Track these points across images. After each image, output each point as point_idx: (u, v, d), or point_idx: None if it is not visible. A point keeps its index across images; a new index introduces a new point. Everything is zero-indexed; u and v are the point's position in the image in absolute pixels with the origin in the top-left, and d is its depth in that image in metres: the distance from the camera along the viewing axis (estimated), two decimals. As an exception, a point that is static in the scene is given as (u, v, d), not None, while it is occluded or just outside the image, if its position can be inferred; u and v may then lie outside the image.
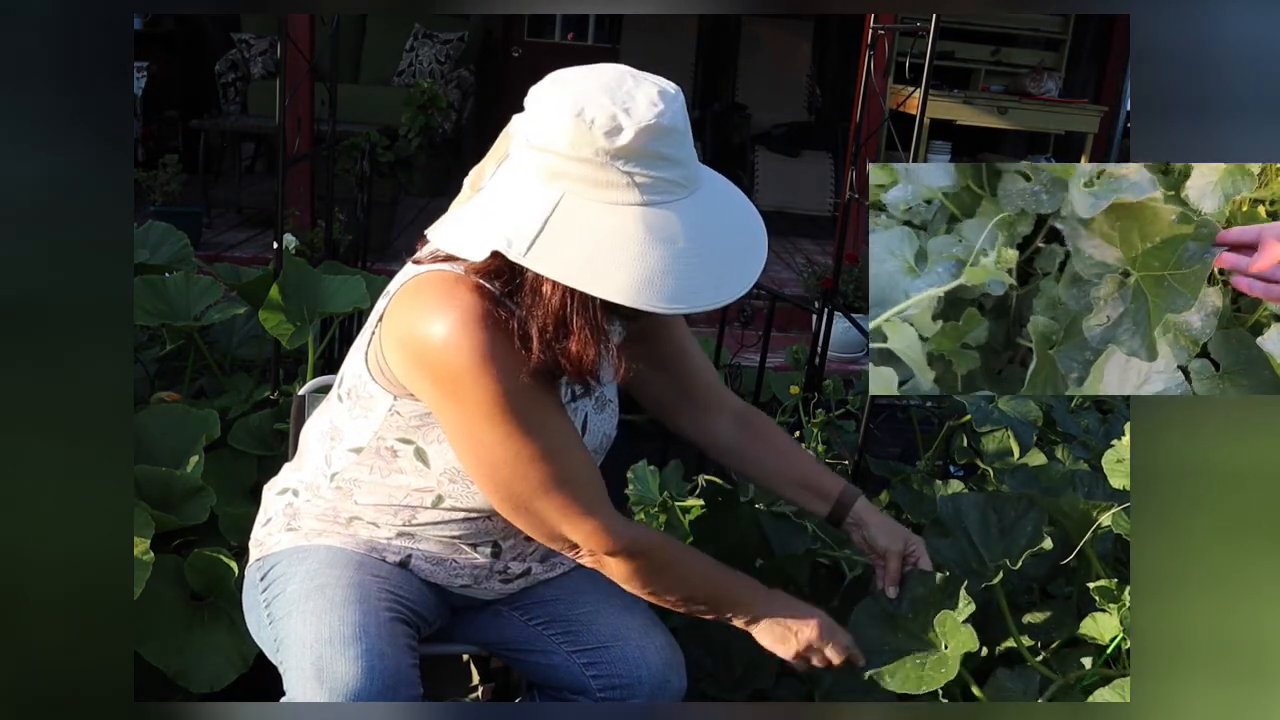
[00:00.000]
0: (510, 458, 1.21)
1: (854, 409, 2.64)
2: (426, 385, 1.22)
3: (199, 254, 2.96)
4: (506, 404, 1.18)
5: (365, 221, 3.53)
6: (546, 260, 1.09)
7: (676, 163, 1.11)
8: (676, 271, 1.09)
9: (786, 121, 6.68)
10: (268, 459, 2.09)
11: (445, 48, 6.59)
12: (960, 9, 4.75)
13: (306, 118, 3.99)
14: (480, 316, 1.17)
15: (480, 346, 1.16)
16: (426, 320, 1.19)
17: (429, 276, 1.24)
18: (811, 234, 5.91)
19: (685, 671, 1.46)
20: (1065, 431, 2.25)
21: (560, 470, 1.24)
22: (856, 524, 1.52)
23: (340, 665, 1.19)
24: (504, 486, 1.24)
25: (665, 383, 1.52)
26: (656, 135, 1.08)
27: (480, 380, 1.17)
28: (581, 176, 1.09)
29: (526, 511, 1.26)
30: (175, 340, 2.54)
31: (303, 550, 1.36)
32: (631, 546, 1.29)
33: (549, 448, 1.23)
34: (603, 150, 1.07)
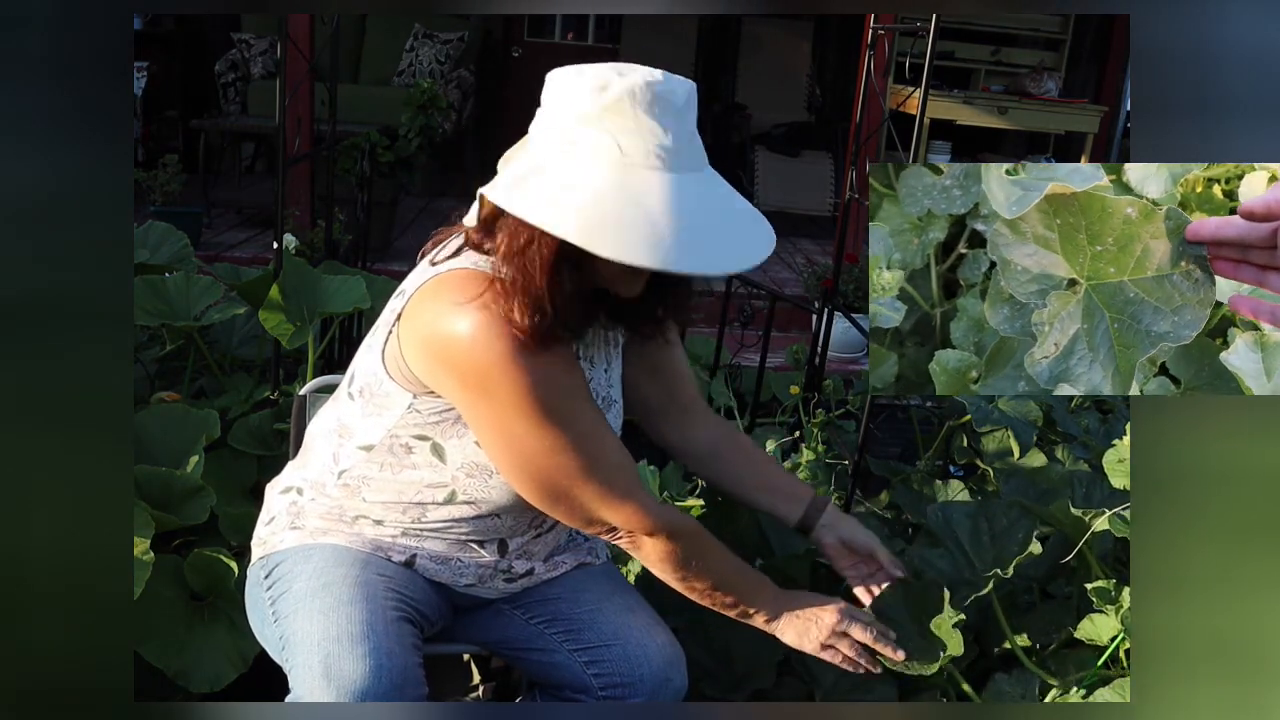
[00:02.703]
0: (545, 448, 1.23)
1: (854, 409, 2.64)
2: (453, 383, 1.24)
3: (199, 254, 2.97)
4: (537, 395, 1.20)
5: (365, 221, 3.53)
6: (520, 203, 1.12)
7: (667, 134, 1.12)
8: (646, 228, 1.08)
9: (786, 121, 6.67)
10: (268, 459, 2.09)
11: (445, 48, 6.59)
12: (960, 9, 4.74)
13: (306, 118, 3.99)
14: (503, 313, 1.19)
15: (507, 341, 1.18)
16: (450, 318, 1.21)
17: (450, 275, 1.25)
18: (811, 234, 5.91)
19: (687, 670, 1.46)
20: (1065, 431, 2.25)
21: (594, 456, 1.25)
22: (830, 525, 1.53)
23: (348, 664, 1.19)
24: (538, 476, 1.25)
25: (654, 387, 1.53)
26: (645, 97, 1.11)
27: (509, 374, 1.19)
28: (573, 133, 1.12)
29: (564, 499, 1.27)
30: (175, 340, 2.54)
31: (308, 549, 1.36)
32: (669, 528, 1.31)
33: (582, 433, 1.24)
34: (595, 104, 1.11)
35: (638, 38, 7.13)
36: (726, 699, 1.61)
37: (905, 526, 2.10)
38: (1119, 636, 1.43)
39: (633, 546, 1.33)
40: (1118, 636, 1.43)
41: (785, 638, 1.41)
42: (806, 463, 2.18)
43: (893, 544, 1.81)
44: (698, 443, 1.57)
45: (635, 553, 1.34)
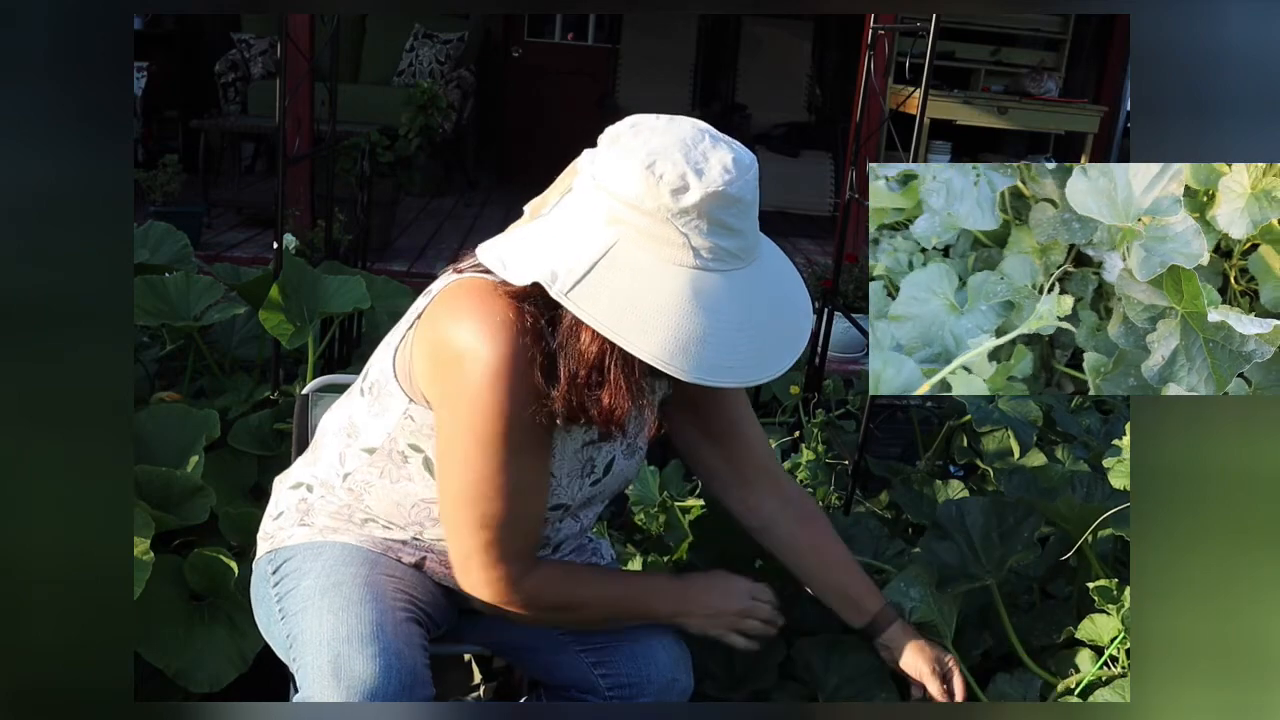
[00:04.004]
0: (477, 480, 1.21)
1: (854, 409, 2.64)
2: (438, 385, 1.23)
3: (199, 254, 2.97)
4: (501, 430, 1.18)
5: (365, 221, 3.53)
6: (586, 303, 1.07)
7: (738, 233, 1.09)
8: (715, 342, 1.06)
9: (786, 121, 6.68)
10: (268, 459, 2.09)
11: (445, 48, 6.59)
12: (960, 9, 4.75)
13: (306, 118, 3.99)
14: (509, 334, 1.15)
15: (498, 362, 1.15)
16: (456, 323, 1.19)
17: (470, 282, 1.23)
18: (811, 234, 5.90)
19: (692, 670, 1.46)
20: (1065, 431, 2.25)
21: (512, 513, 1.24)
22: (889, 647, 1.47)
23: (358, 663, 1.19)
24: (457, 501, 1.24)
25: (715, 454, 1.47)
26: (722, 203, 1.06)
27: (486, 396, 1.16)
28: (640, 228, 1.07)
29: (461, 532, 1.25)
30: (175, 340, 2.54)
31: (317, 546, 1.36)
32: (525, 599, 1.29)
33: (516, 489, 1.23)
34: (666, 207, 1.06)
35: (638, 38, 7.13)
36: (727, 699, 1.61)
37: (905, 526, 2.10)
38: (1119, 637, 1.43)
39: (491, 603, 1.30)
40: (1118, 637, 1.43)
41: (690, 627, 1.40)
42: (806, 463, 2.18)
43: (893, 544, 1.81)
44: (766, 520, 1.49)
45: (494, 608, 1.31)
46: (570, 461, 1.31)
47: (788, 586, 1.54)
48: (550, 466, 1.28)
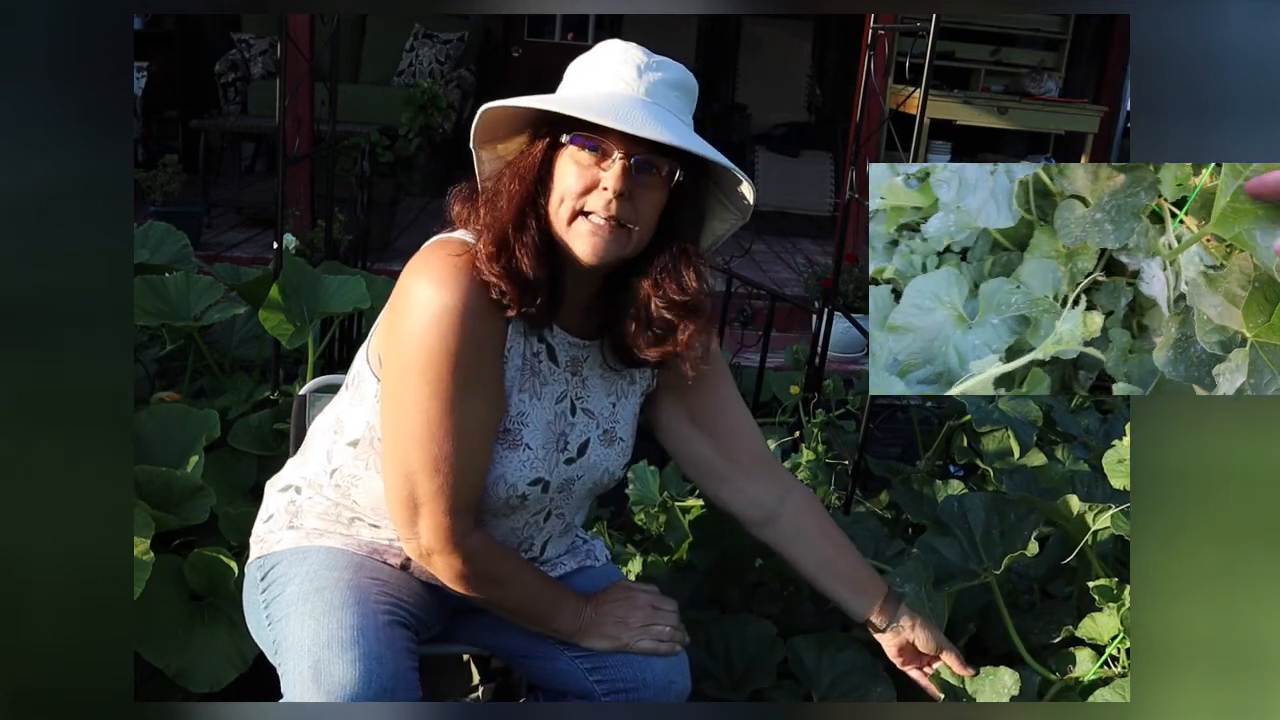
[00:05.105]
0: (427, 422, 1.22)
1: (854, 409, 2.64)
2: (389, 336, 1.26)
3: (199, 254, 2.97)
4: (449, 369, 1.20)
5: (365, 221, 3.54)
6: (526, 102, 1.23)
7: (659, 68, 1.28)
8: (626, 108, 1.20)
9: (786, 121, 6.68)
10: (268, 459, 2.09)
11: (445, 48, 6.59)
12: (960, 9, 4.75)
13: (306, 118, 3.99)
14: (459, 278, 1.20)
15: (447, 302, 1.19)
16: (409, 275, 1.24)
17: (432, 242, 1.28)
18: (811, 234, 5.90)
19: (689, 672, 1.45)
20: (1065, 431, 2.25)
21: (462, 456, 1.24)
22: (902, 627, 1.44)
23: (338, 669, 1.19)
24: (409, 445, 1.24)
25: (709, 447, 1.46)
26: (645, 54, 1.28)
27: (433, 336, 1.19)
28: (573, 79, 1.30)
29: (412, 479, 1.25)
30: (175, 340, 2.54)
31: (303, 551, 1.36)
32: (464, 556, 1.29)
33: (460, 430, 1.23)
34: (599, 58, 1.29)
35: (638, 38, 7.09)
36: (726, 699, 1.61)
37: (905, 526, 2.10)
38: (1119, 637, 1.43)
39: (424, 559, 1.30)
40: (1118, 637, 1.43)
41: (596, 646, 1.40)
42: (806, 463, 2.18)
43: (893, 544, 1.81)
44: (761, 508, 1.47)
45: (425, 564, 1.31)
46: (544, 432, 1.32)
47: (787, 587, 1.54)
48: (501, 417, 1.29)
